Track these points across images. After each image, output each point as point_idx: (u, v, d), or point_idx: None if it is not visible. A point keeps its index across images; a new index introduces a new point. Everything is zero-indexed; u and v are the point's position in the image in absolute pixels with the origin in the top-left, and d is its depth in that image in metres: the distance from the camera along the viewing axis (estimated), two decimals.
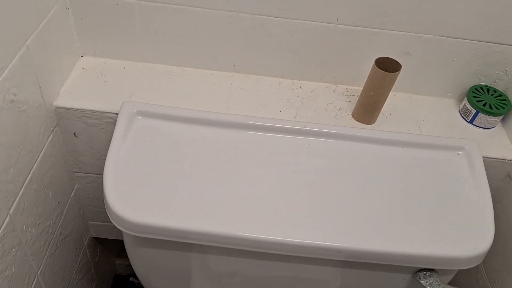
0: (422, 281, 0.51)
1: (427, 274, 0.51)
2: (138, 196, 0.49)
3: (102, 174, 0.67)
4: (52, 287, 0.65)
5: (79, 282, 0.78)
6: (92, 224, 0.79)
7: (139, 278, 0.61)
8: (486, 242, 0.49)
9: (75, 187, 0.70)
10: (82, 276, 0.80)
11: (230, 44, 0.63)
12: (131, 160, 0.52)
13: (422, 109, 0.65)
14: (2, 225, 0.48)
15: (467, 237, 0.49)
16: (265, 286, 0.60)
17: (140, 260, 0.56)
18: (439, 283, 0.51)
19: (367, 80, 0.58)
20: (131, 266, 1.03)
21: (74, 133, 0.62)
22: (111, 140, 0.54)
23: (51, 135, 0.59)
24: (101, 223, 0.78)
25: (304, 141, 0.57)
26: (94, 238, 0.84)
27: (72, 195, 0.69)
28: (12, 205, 0.50)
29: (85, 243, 0.79)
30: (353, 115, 0.63)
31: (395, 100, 0.66)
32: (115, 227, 0.79)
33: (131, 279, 1.04)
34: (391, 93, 0.66)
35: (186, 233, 0.48)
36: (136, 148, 0.53)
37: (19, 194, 0.52)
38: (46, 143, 0.58)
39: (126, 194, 0.49)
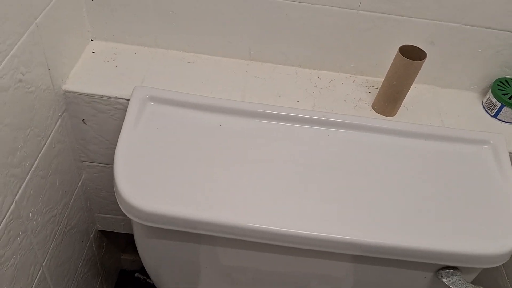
0: (444, 280, 0.48)
1: (450, 273, 0.48)
2: (150, 184, 0.46)
3: (111, 164, 0.65)
4: (57, 279, 0.63)
5: (84, 276, 0.76)
6: (99, 216, 0.77)
7: (147, 270, 0.59)
8: None
9: (83, 177, 0.68)
10: (87, 269, 0.78)
11: (246, 30, 0.60)
12: (142, 146, 0.50)
13: (445, 101, 0.63)
14: (7, 211, 0.46)
15: (493, 234, 0.47)
16: (276, 282, 0.57)
17: (149, 251, 0.54)
18: (463, 282, 0.48)
19: (390, 69, 0.56)
20: (137, 261, 1.02)
21: (83, 120, 0.60)
22: (121, 127, 0.52)
23: (59, 120, 0.57)
24: (108, 215, 0.76)
25: (323, 132, 0.55)
26: (101, 231, 0.82)
27: (79, 185, 0.67)
28: (18, 191, 0.48)
29: (91, 235, 0.77)
30: (373, 106, 0.60)
31: (417, 92, 0.64)
32: (122, 220, 0.78)
33: (136, 274, 1.02)
34: (412, 85, 0.64)
35: (198, 223, 0.45)
36: (148, 134, 0.51)
37: (26, 180, 0.49)
38: (54, 129, 0.55)
39: (137, 181, 0.46)
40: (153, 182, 0.47)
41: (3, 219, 0.45)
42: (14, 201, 0.47)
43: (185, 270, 0.57)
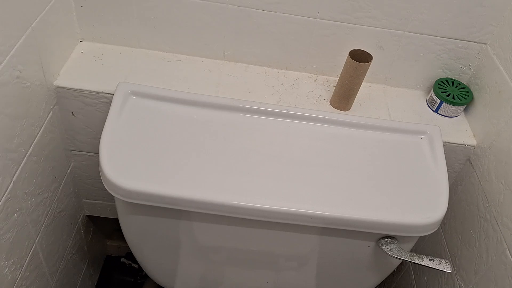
0: (383, 248, 0.57)
1: (388, 241, 0.57)
2: (131, 165, 0.54)
3: (97, 153, 0.73)
4: (48, 256, 0.70)
5: (72, 257, 0.83)
6: (86, 202, 0.83)
7: (130, 247, 0.66)
8: (440, 212, 0.55)
9: (71, 164, 0.75)
10: (75, 251, 0.84)
11: (220, 33, 0.68)
12: (125, 134, 0.57)
13: (393, 99, 0.72)
14: (6, 190, 0.53)
15: (423, 208, 0.56)
16: (247, 259, 0.65)
17: (131, 228, 0.61)
18: (399, 249, 0.57)
19: (342, 70, 0.64)
20: (122, 248, 1.08)
21: (72, 112, 0.67)
22: (103, 120, 0.59)
23: (51, 112, 0.64)
24: (95, 201, 0.83)
25: (285, 123, 0.63)
26: (88, 216, 0.88)
27: (68, 172, 0.74)
28: (15, 173, 0.55)
29: (79, 220, 0.84)
30: (330, 102, 0.69)
31: (370, 90, 0.72)
32: (108, 205, 0.85)
33: (122, 259, 1.09)
34: (366, 84, 0.73)
35: (175, 199, 0.53)
36: (130, 124, 0.58)
37: (22, 164, 0.56)
38: (46, 120, 0.62)
39: (120, 163, 0.54)
40: (134, 164, 0.54)
41: (2, 196, 0.52)
42: (12, 181, 0.54)
43: (165, 246, 0.64)
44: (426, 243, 0.79)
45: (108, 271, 1.07)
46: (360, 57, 0.63)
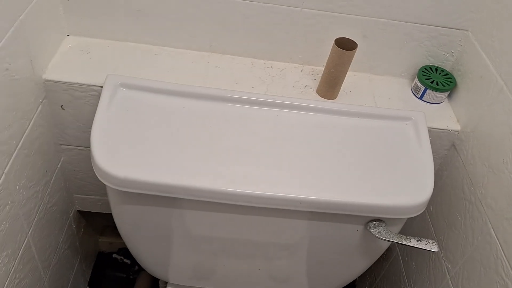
0: (372, 230, 0.58)
1: (376, 224, 0.59)
2: (122, 154, 0.54)
3: (87, 147, 0.73)
4: (41, 250, 0.70)
5: (65, 252, 0.83)
6: (77, 197, 0.84)
7: (123, 238, 0.66)
8: (425, 194, 0.57)
9: (61, 159, 0.75)
10: (67, 246, 0.84)
11: (206, 25, 0.69)
12: (115, 124, 0.58)
13: (379, 87, 0.73)
14: None
15: (409, 191, 0.57)
16: (238, 245, 0.66)
17: (125, 218, 0.62)
18: (387, 231, 0.58)
19: (328, 58, 0.65)
20: (114, 243, 1.09)
21: (61, 106, 0.67)
22: (96, 111, 0.60)
23: (40, 106, 0.64)
24: (86, 196, 0.83)
25: (273, 112, 0.64)
26: (79, 212, 0.88)
27: (58, 166, 0.74)
28: (6, 165, 0.55)
29: (71, 215, 0.84)
30: (317, 91, 0.70)
31: (355, 79, 0.74)
32: (99, 200, 0.85)
33: (114, 255, 1.09)
34: (351, 73, 0.74)
35: (166, 186, 0.54)
36: (120, 115, 0.59)
37: (13, 156, 0.57)
38: (36, 113, 0.63)
39: (111, 152, 0.54)
40: (125, 153, 0.55)
41: None
42: (4, 173, 0.54)
43: (158, 236, 0.65)
44: (414, 227, 0.80)
45: (101, 267, 1.07)
46: (345, 45, 0.64)
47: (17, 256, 0.61)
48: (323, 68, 0.72)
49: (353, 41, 0.64)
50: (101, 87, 0.63)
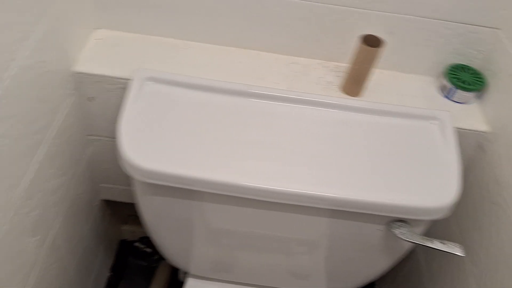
0: (395, 231, 0.58)
1: (400, 225, 0.58)
2: (148, 147, 0.56)
3: (113, 138, 0.75)
4: (68, 237, 0.72)
5: (90, 239, 0.86)
6: (102, 186, 0.86)
7: (146, 228, 0.68)
8: (452, 196, 0.56)
9: (88, 149, 0.77)
10: (93, 234, 0.87)
11: (231, 20, 0.69)
12: (142, 117, 0.59)
13: (404, 85, 0.72)
14: (32, 170, 0.55)
15: (434, 192, 0.56)
16: (259, 240, 0.67)
17: (149, 209, 0.63)
18: (411, 232, 0.58)
19: (353, 55, 0.65)
20: (136, 232, 1.11)
21: (90, 97, 0.69)
22: (122, 103, 0.61)
23: (70, 97, 0.66)
24: (111, 185, 0.86)
25: (296, 109, 0.64)
26: (104, 201, 0.91)
27: (85, 156, 0.76)
28: (39, 154, 0.57)
29: (96, 204, 0.87)
30: (341, 88, 0.70)
31: (380, 76, 0.73)
32: (123, 189, 0.87)
33: (135, 244, 1.12)
34: (377, 70, 0.73)
35: (190, 179, 0.55)
36: (147, 108, 0.60)
37: (45, 145, 0.59)
38: (66, 104, 0.65)
39: (138, 144, 0.56)
40: (151, 146, 0.56)
41: (28, 176, 0.55)
42: (38, 162, 0.57)
43: (180, 228, 0.66)
44: (438, 229, 0.79)
45: (123, 255, 1.10)
46: (372, 42, 0.63)
47: (46, 242, 0.64)
48: (348, 65, 0.71)
49: (379, 38, 0.63)
50: (128, 80, 0.65)
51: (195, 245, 0.70)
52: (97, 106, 0.70)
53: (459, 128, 0.67)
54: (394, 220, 0.59)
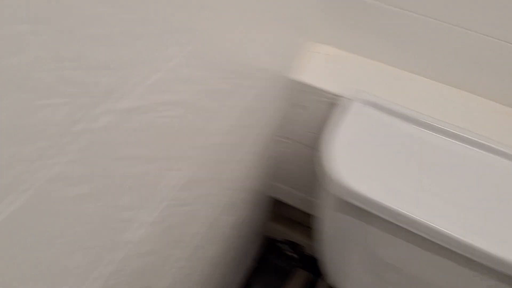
0: None
1: None
2: (353, 167, 0.57)
3: (301, 142, 0.78)
4: (231, 225, 0.77)
5: (247, 231, 0.91)
6: (274, 184, 0.91)
7: (319, 243, 0.70)
8: None
9: (275, 148, 0.82)
10: (253, 223, 0.93)
11: (460, 61, 0.66)
12: (350, 138, 0.61)
13: None
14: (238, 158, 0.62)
15: None
16: (423, 286, 0.63)
17: (332, 224, 0.65)
18: None
19: None
20: (280, 232, 1.14)
21: (303, 106, 0.73)
22: (326, 118, 0.64)
23: (282, 101, 0.71)
24: (281, 185, 0.90)
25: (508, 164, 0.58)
26: (269, 197, 0.96)
27: (270, 154, 0.82)
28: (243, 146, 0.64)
29: (263, 199, 0.92)
30: None
31: None
32: (294, 193, 0.91)
33: (278, 244, 1.16)
34: None
35: (387, 210, 0.54)
36: (360, 130, 0.62)
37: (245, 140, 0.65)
38: (280, 107, 0.70)
39: (342, 162, 0.58)
40: (355, 166, 0.57)
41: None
42: (247, 153, 0.63)
43: (353, 250, 0.66)
44: None
45: (265, 251, 1.15)
46: None
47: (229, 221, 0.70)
48: None
49: None
50: (339, 96, 0.67)
51: (357, 270, 0.70)
52: (299, 113, 0.74)
53: None
54: None
